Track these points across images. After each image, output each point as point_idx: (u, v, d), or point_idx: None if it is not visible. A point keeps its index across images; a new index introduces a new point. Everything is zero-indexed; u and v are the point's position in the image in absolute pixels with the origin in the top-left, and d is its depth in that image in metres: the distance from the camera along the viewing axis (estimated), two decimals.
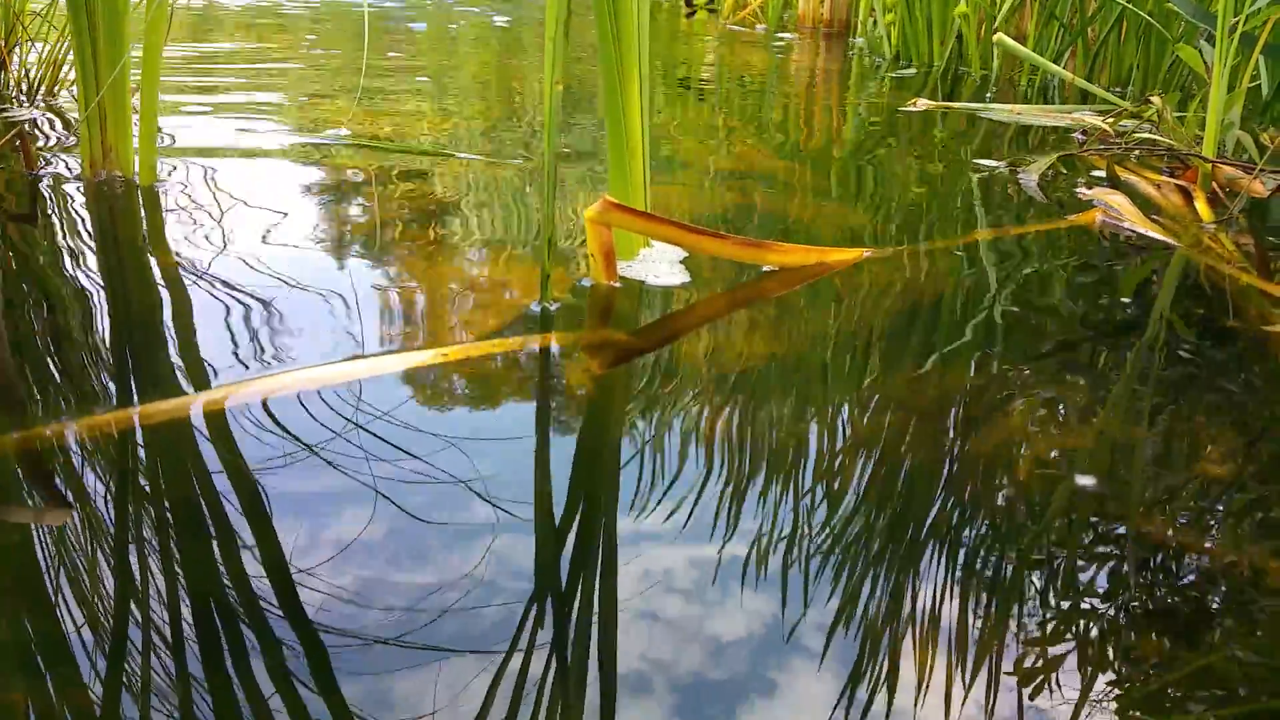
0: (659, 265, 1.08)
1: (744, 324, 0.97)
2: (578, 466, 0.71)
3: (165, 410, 0.73)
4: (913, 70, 3.10)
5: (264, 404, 0.75)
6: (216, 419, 0.72)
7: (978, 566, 0.62)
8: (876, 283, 1.09)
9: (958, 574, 0.61)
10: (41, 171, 1.33)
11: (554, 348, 0.89)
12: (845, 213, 1.38)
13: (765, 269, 1.09)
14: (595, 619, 0.54)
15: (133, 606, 0.54)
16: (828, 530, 0.65)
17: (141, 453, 0.69)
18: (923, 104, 2.32)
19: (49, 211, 1.19)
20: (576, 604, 0.56)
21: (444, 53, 2.92)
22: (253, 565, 0.57)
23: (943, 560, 0.62)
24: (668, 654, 0.52)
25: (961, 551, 0.63)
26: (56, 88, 1.78)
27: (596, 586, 0.57)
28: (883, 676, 0.52)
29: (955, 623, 0.56)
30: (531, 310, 0.96)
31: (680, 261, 1.10)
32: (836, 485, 0.70)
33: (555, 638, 0.53)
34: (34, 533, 0.59)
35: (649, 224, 1.02)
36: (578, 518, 0.64)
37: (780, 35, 4.17)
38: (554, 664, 0.51)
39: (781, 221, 1.31)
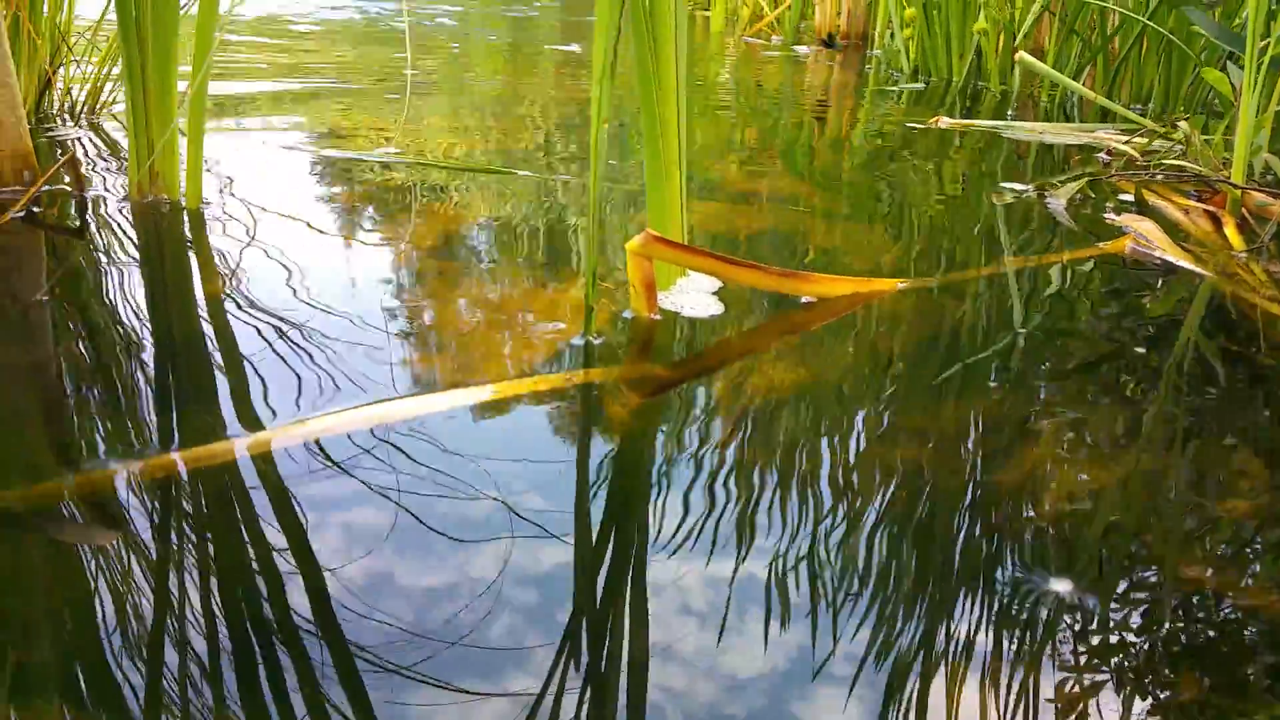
0: (696, 296, 1.10)
1: (780, 355, 0.99)
2: (615, 498, 0.73)
3: (211, 453, 0.75)
4: (929, 85, 3.11)
5: (314, 443, 0.77)
6: (264, 459, 0.74)
7: (1012, 601, 0.63)
8: (912, 313, 1.11)
9: (992, 607, 0.62)
10: (90, 193, 1.35)
11: (596, 381, 0.91)
12: (872, 238, 1.40)
13: (802, 300, 1.11)
14: (626, 650, 0.56)
15: (178, 636, 0.56)
16: (860, 561, 0.66)
17: (190, 490, 0.71)
18: (945, 122, 2.33)
19: (98, 234, 1.22)
20: (608, 638, 0.58)
21: (476, 68, 2.95)
22: (299, 597, 0.59)
23: (976, 594, 0.64)
24: (691, 682, 0.54)
25: (1002, 587, 0.65)
26: (99, 106, 1.81)
27: (627, 616, 0.59)
28: (912, 708, 0.54)
29: (989, 656, 0.58)
30: (575, 343, 0.98)
31: (715, 292, 1.12)
32: (869, 515, 0.72)
33: (589, 670, 0.55)
34: (86, 572, 0.61)
35: (690, 257, 1.04)
36: (611, 548, 0.66)
37: (796, 48, 4.19)
38: (588, 701, 0.53)
39: (807, 246, 1.33)
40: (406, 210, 1.40)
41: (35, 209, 1.28)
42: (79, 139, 1.67)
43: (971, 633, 0.61)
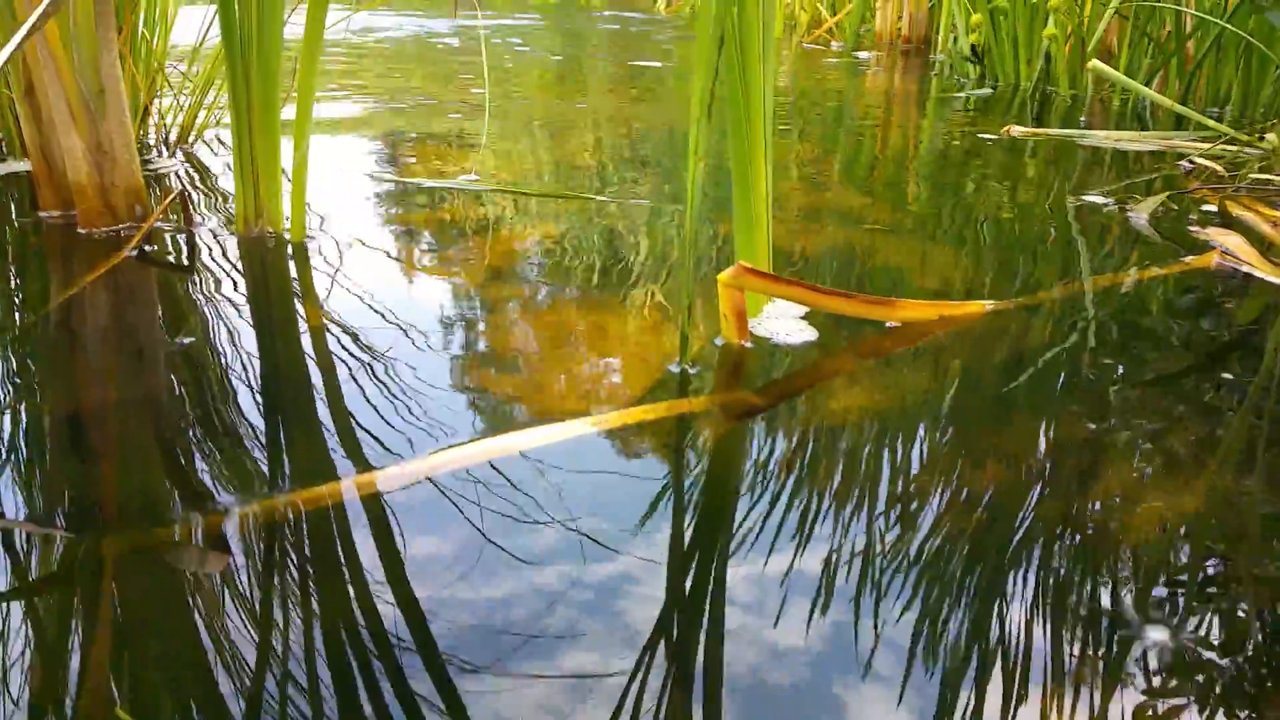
0: (784, 322, 1.13)
1: (867, 378, 1.01)
2: (706, 521, 0.75)
3: (324, 494, 0.79)
4: (996, 90, 3.08)
5: (425, 479, 0.81)
6: (372, 500, 0.78)
7: (1118, 629, 0.65)
8: (997, 334, 1.12)
9: (1067, 624, 0.64)
10: (197, 227, 1.42)
11: (692, 409, 0.94)
12: (944, 255, 1.41)
13: (888, 324, 1.13)
14: (700, 673, 0.59)
15: (284, 667, 0.60)
16: (954, 585, 0.68)
17: (303, 526, 0.75)
18: (1017, 131, 2.32)
19: (206, 269, 1.28)
20: (694, 666, 0.60)
21: (544, 90, 3.00)
22: (402, 630, 0.63)
23: (1085, 626, 0.65)
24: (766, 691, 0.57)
25: (1108, 615, 0.66)
26: (192, 137, 1.89)
27: (702, 643, 0.62)
28: None
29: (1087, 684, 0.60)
30: (670, 370, 1.01)
31: (802, 316, 1.15)
32: (959, 538, 0.73)
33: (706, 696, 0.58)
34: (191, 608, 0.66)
35: (780, 287, 1.06)
36: (693, 570, 0.69)
37: (856, 53, 4.17)
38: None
39: (876, 264, 1.35)
40: (495, 239, 1.45)
41: (146, 245, 1.35)
42: (176, 171, 1.74)
43: (1078, 663, 0.62)
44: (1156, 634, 0.65)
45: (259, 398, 0.94)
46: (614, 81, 3.26)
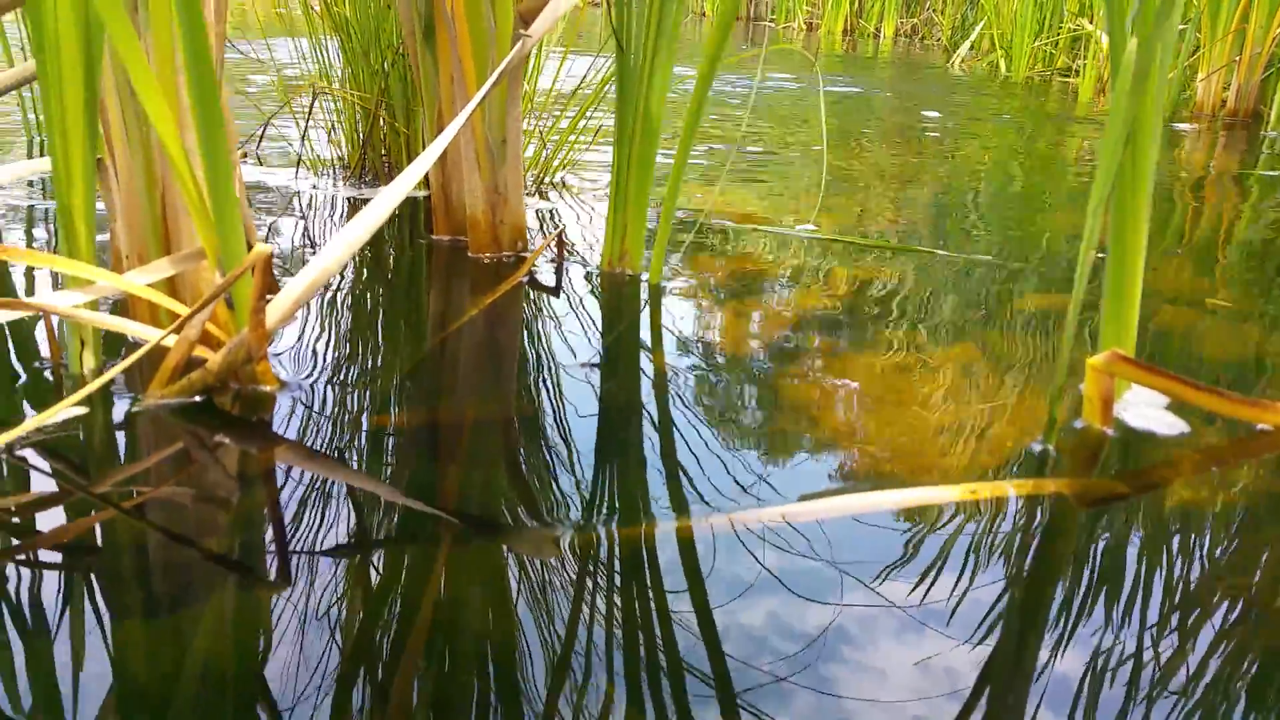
0: (1147, 410, 1.12)
1: (1234, 480, 0.99)
2: (1057, 607, 0.77)
3: (638, 532, 0.88)
4: None
5: (774, 525, 0.88)
6: (687, 542, 0.85)
7: None
8: None
9: None
10: (567, 262, 1.60)
11: (1048, 491, 0.96)
12: None
13: (1260, 427, 1.09)
14: None
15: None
16: None
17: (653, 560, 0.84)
18: None
19: (574, 298, 1.45)
20: None
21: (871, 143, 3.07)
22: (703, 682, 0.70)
23: None
24: None
25: None
26: (546, 178, 2.12)
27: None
28: None
29: None
30: (1031, 449, 1.04)
31: (1165, 406, 1.13)
32: None
33: None
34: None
35: (1153, 377, 1.06)
36: (1013, 654, 0.71)
37: (1174, 124, 3.93)
38: None
39: (1224, 354, 1.29)
40: (840, 288, 1.53)
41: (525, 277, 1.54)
42: (536, 210, 1.96)
43: None
44: None
45: (589, 424, 1.05)
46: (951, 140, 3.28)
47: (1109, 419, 1.07)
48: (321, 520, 0.86)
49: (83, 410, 0.98)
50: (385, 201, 1.13)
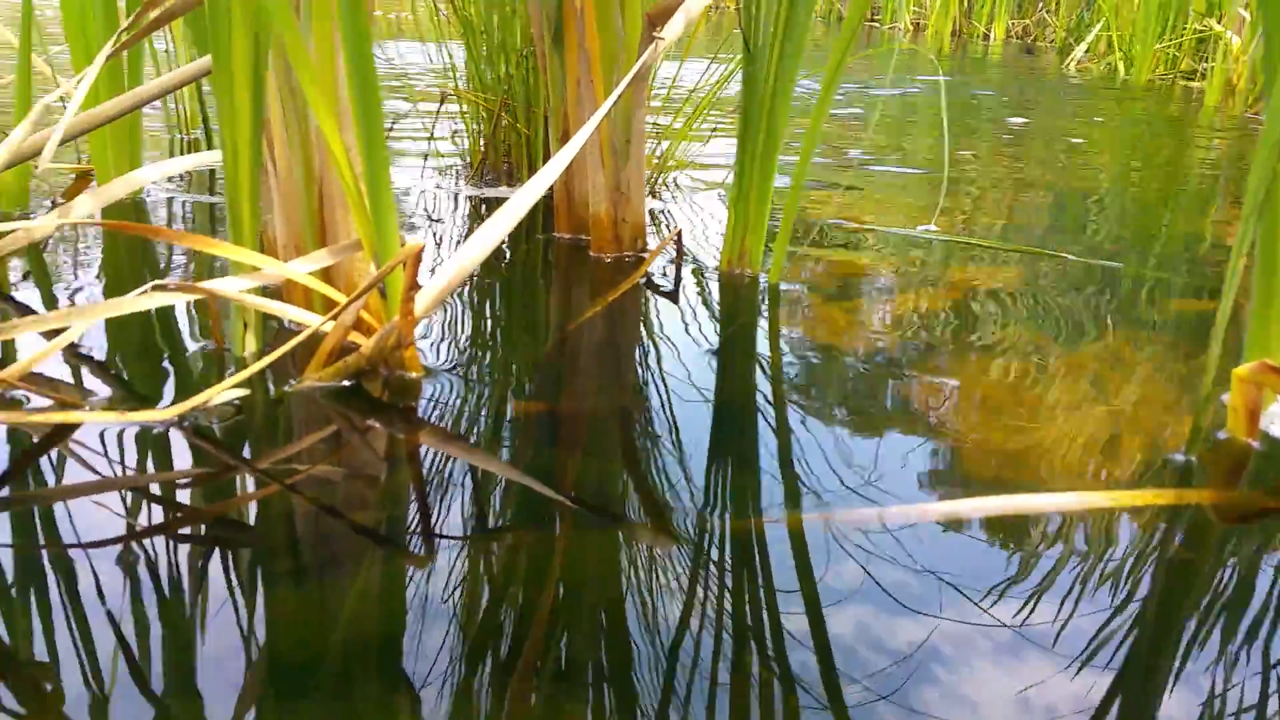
0: None
1: None
2: (1190, 629, 0.75)
3: (747, 525, 0.89)
4: None
5: (882, 525, 0.88)
6: (797, 538, 0.85)
7: None
8: None
9: None
10: (685, 261, 1.63)
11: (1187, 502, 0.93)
12: None
13: None
14: None
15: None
16: None
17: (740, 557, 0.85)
18: None
19: (693, 297, 1.47)
20: None
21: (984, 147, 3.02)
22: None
23: None
24: None
25: None
26: (660, 177, 2.15)
27: None
28: None
29: None
30: (1171, 459, 1.01)
31: None
32: None
33: None
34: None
35: None
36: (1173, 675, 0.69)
37: None
38: None
39: None
40: (957, 293, 1.51)
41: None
42: (651, 209, 1.99)
43: None
44: None
45: (696, 422, 1.06)
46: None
47: (1255, 431, 1.04)
48: (457, 501, 0.90)
49: (244, 391, 1.05)
50: (520, 202, 1.17)
